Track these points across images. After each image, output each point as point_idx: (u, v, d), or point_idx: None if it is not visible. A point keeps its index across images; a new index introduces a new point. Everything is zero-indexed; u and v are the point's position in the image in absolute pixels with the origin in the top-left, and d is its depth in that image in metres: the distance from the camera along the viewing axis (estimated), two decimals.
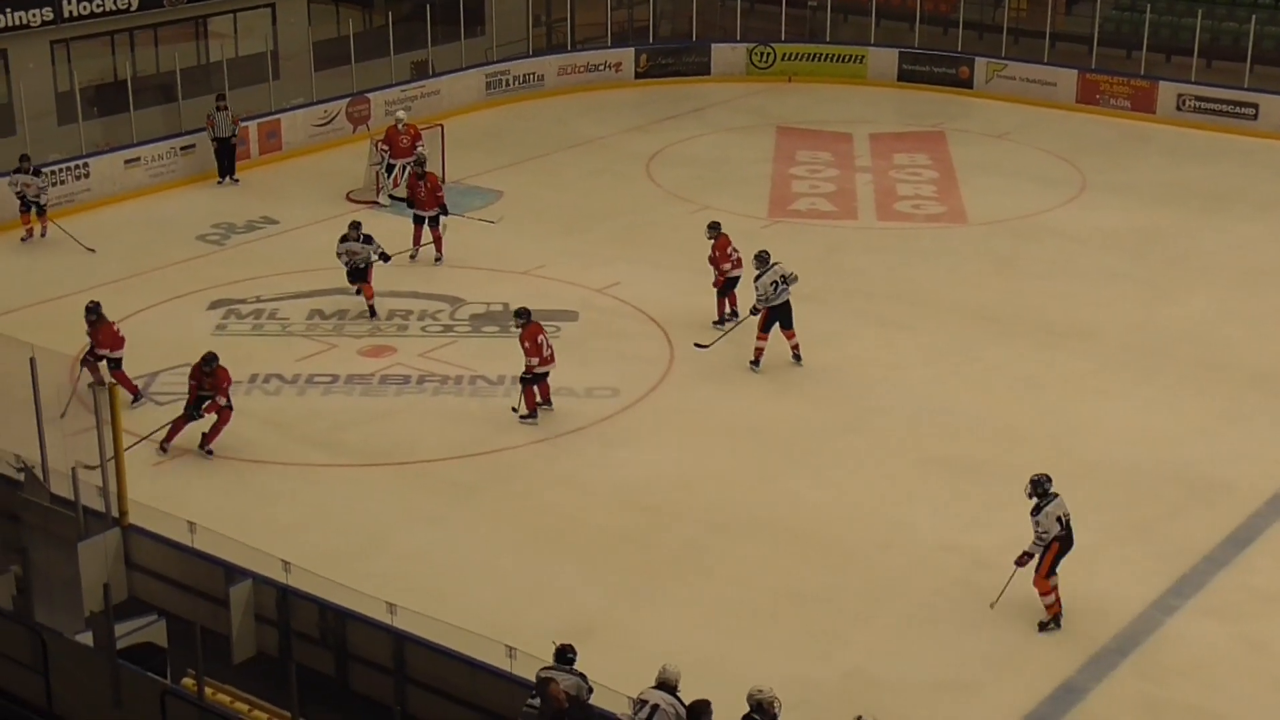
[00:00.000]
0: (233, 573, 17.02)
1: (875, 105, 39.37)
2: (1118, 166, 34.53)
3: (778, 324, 23.92)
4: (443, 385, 23.52)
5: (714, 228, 25.56)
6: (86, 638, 15.49)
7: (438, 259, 28.05)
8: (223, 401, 21.45)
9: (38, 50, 32.96)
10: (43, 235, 29.46)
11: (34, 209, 29.27)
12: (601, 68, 40.92)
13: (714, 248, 25.38)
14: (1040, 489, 17.51)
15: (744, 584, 18.38)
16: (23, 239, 29.34)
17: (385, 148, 31.33)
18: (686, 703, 14.24)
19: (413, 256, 27.99)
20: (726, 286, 25.47)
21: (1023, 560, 17.56)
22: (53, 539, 17.04)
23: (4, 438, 18.02)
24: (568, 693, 14.22)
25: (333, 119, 35.72)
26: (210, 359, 21.44)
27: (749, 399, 22.93)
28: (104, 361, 22.59)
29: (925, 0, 42.07)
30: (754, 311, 24.00)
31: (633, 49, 41.43)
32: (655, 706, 14.24)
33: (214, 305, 26.42)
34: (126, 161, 32.13)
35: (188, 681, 15.28)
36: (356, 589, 16.45)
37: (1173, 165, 34.87)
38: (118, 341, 22.79)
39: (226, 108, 32.67)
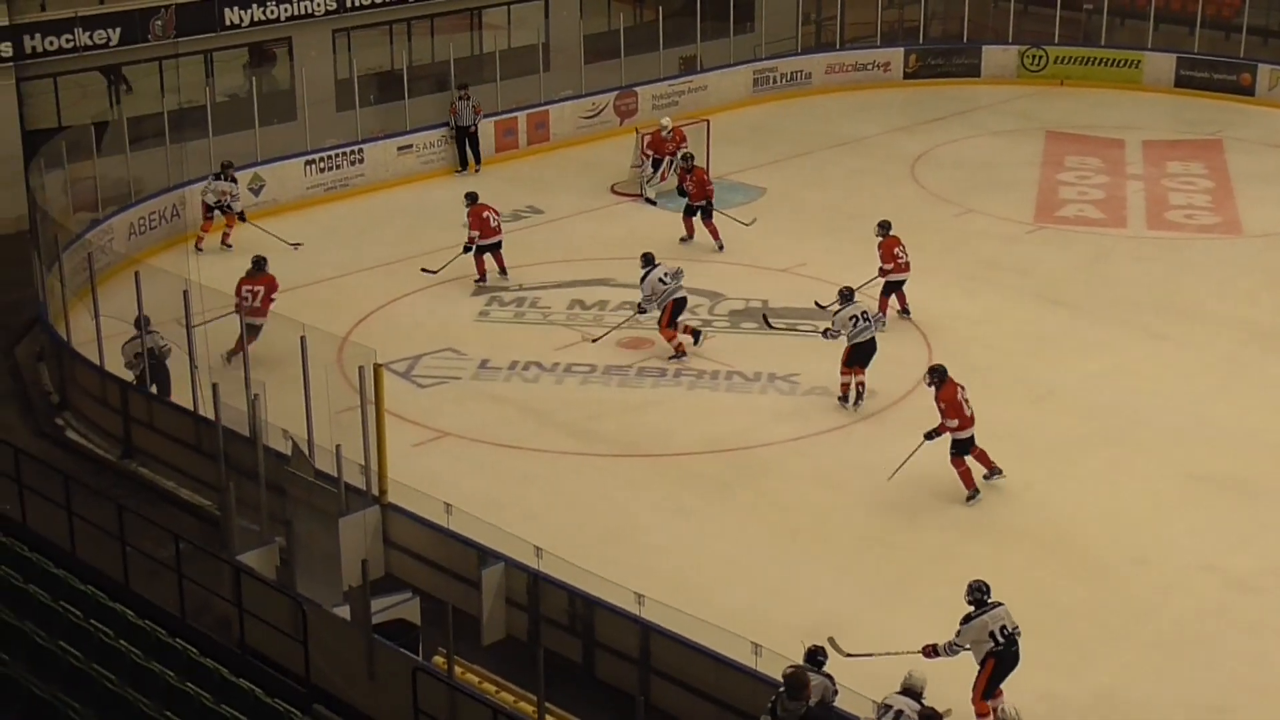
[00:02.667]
0: (486, 555, 17.31)
1: (1150, 111, 38.42)
2: None
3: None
4: (699, 379, 23.58)
5: (884, 227, 25.43)
6: (344, 611, 15.87)
7: (719, 247, 28.40)
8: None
9: (320, 38, 33.87)
10: (228, 246, 28.57)
11: (223, 214, 28.62)
12: (870, 67, 40.62)
13: (880, 247, 25.16)
14: (977, 596, 15.68)
15: (995, 593, 18.05)
16: (198, 248, 28.46)
17: (650, 153, 31.55)
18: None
19: (683, 239, 28.49)
20: (889, 287, 25.17)
21: (927, 652, 15.70)
22: (315, 513, 17.49)
23: (274, 413, 18.57)
24: (813, 693, 14.19)
25: (600, 111, 36.05)
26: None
27: (1009, 405, 22.54)
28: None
29: (1207, 4, 40.86)
30: (826, 335, 22.94)
31: (902, 49, 41.04)
32: (899, 713, 14.13)
33: (478, 292, 26.83)
34: (400, 148, 32.83)
35: (438, 660, 15.57)
36: (606, 578, 16.58)
37: None
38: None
39: (469, 97, 33.12)
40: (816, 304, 25.20)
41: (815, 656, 14.58)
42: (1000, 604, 15.68)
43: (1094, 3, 41.76)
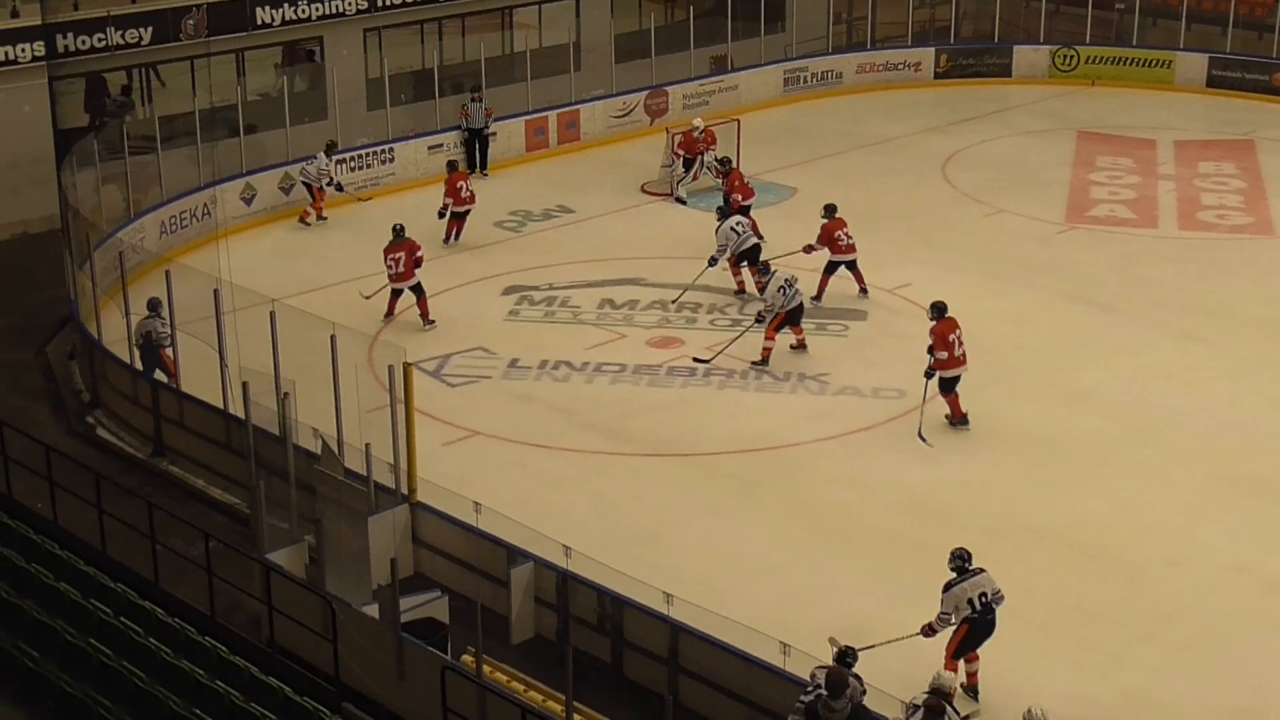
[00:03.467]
0: (515, 555, 17.33)
1: (1182, 111, 38.27)
2: None
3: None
4: (728, 379, 23.56)
5: (829, 210, 26.41)
6: (373, 610, 15.90)
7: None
8: None
9: (351, 38, 33.94)
10: (323, 219, 30.42)
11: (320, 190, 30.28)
12: (901, 67, 40.55)
13: (821, 229, 26.17)
14: (958, 564, 16.00)
15: (1025, 594, 17.99)
16: (306, 222, 30.29)
17: (681, 153, 31.58)
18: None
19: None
20: (831, 267, 26.16)
21: (926, 632, 16.08)
22: (345, 512, 17.52)
23: (304, 412, 18.61)
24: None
25: (631, 111, 36.06)
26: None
27: (1038, 406, 22.51)
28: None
29: (1239, 4, 40.65)
30: (760, 319, 24.05)
31: (933, 49, 40.96)
32: (916, 707, 14.13)
33: (508, 291, 26.87)
34: (430, 148, 32.86)
35: (467, 659, 15.60)
36: (635, 577, 16.58)
37: None
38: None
39: (481, 99, 33.13)
40: (696, 360, 24.74)
41: (845, 657, 14.56)
42: (981, 570, 15.94)
43: (1125, 2, 41.61)
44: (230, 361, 20.66)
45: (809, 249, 26.03)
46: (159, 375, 22.23)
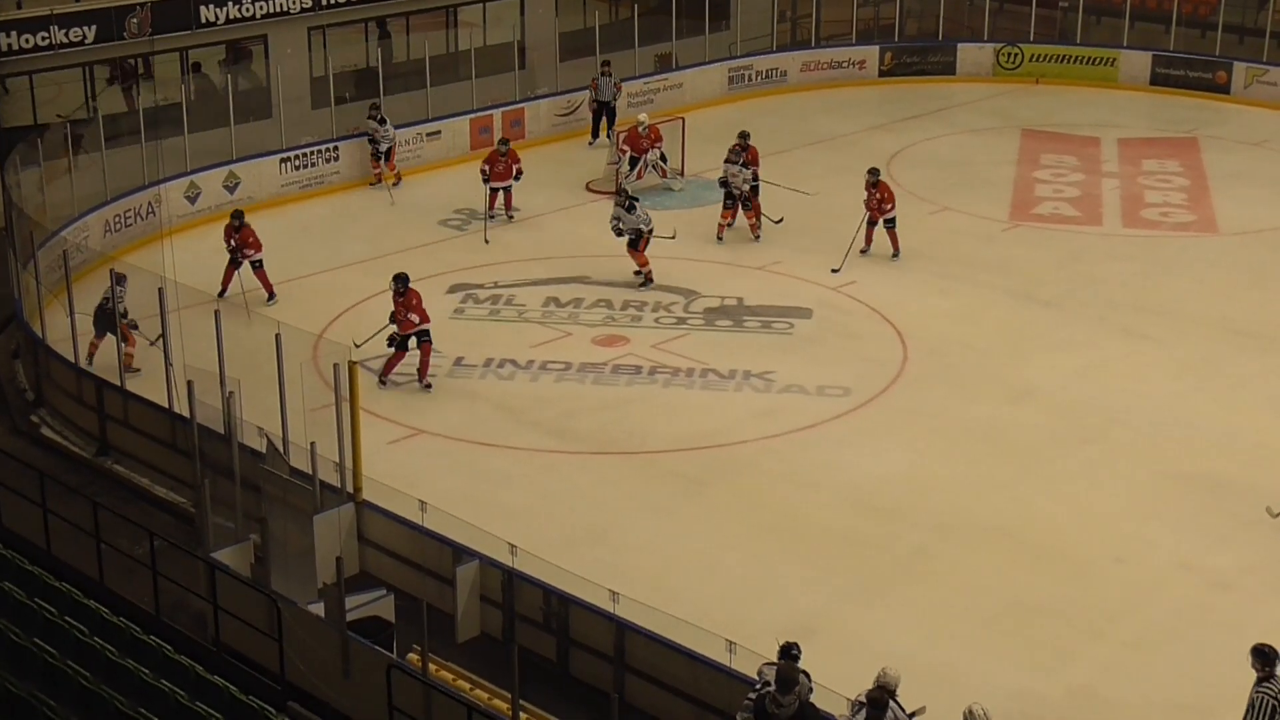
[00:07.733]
0: (460, 553, 17.30)
1: (1126, 109, 38.47)
2: None
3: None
4: (674, 377, 23.57)
5: (873, 172, 28.18)
6: (318, 608, 15.85)
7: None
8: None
9: (296, 36, 33.75)
10: (395, 185, 32.03)
11: (382, 158, 31.88)
12: (845, 65, 40.61)
13: (875, 189, 28.02)
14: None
15: (972, 592, 18.13)
16: (372, 184, 32.04)
17: (625, 149, 31.61)
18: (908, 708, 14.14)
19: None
20: (888, 225, 28.19)
21: None
22: (290, 511, 17.47)
23: (249, 410, 18.53)
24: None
25: (576, 109, 36.01)
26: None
27: (984, 403, 22.60)
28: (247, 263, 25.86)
29: (1183, 2, 40.89)
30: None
31: (877, 47, 41.04)
32: (860, 704, 14.16)
33: (453, 289, 26.80)
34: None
35: (412, 657, 15.57)
36: (581, 576, 16.56)
37: None
38: (259, 244, 26.01)
39: (610, 74, 34.68)
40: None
41: (790, 652, 14.57)
42: None
43: (1069, 0, 41.84)
44: (175, 360, 20.57)
45: None
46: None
